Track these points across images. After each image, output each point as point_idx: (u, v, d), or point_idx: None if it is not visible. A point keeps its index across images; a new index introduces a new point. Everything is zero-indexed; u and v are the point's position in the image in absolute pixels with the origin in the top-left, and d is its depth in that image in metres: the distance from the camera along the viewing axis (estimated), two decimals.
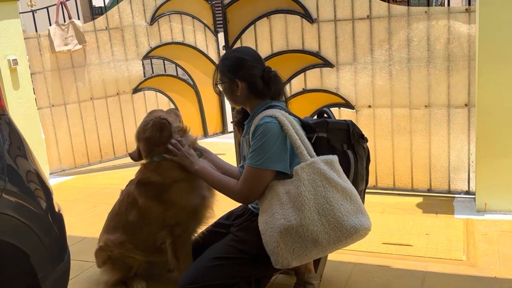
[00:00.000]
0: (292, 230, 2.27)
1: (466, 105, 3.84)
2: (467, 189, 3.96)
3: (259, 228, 2.38)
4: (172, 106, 6.13)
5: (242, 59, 2.53)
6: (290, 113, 2.49)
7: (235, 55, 2.61)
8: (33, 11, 5.47)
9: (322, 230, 2.25)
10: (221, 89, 2.59)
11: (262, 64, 2.58)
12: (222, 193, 2.57)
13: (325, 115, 2.76)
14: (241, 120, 2.69)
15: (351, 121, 2.62)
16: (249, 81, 2.51)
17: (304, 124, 2.49)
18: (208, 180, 2.59)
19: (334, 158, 2.37)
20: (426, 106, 3.96)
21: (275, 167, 2.36)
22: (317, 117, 2.81)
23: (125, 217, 2.81)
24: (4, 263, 1.81)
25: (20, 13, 5.20)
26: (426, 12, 3.84)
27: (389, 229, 3.51)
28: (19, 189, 1.81)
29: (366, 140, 2.65)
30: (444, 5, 8.17)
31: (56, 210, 2.02)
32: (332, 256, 2.98)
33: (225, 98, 2.69)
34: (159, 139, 2.68)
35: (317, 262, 2.72)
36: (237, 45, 4.51)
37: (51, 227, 1.92)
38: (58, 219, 2.01)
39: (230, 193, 2.50)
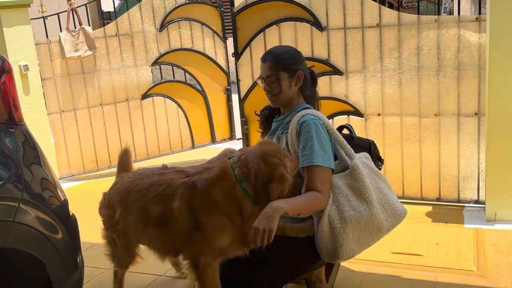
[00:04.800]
0: (362, 220, 2.35)
1: (476, 114, 3.83)
2: (476, 198, 3.95)
3: (323, 223, 2.31)
4: (181, 112, 6.16)
5: (298, 52, 2.58)
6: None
7: (290, 49, 2.58)
8: (44, 17, 5.51)
9: (384, 218, 2.40)
10: (271, 85, 2.48)
11: None
12: (316, 210, 2.37)
13: (346, 130, 2.77)
14: (268, 116, 2.65)
15: (373, 141, 2.71)
16: (306, 73, 2.54)
17: None
18: (299, 212, 2.29)
19: (367, 154, 2.54)
20: (436, 114, 3.95)
21: (334, 165, 2.42)
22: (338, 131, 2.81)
23: (147, 206, 2.35)
24: (21, 272, 1.82)
25: (31, 19, 5.24)
26: (436, 20, 3.84)
27: (399, 238, 3.50)
28: (35, 198, 1.82)
29: (382, 162, 2.72)
30: (452, 14, 8.16)
31: (71, 218, 2.04)
32: (343, 266, 2.99)
33: (272, 96, 2.51)
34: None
35: (328, 272, 2.72)
36: (247, 52, 4.54)
37: (66, 235, 1.93)
38: (72, 227, 2.02)
39: (322, 204, 2.33)
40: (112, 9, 6.49)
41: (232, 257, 2.31)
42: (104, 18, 9.09)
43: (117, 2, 6.39)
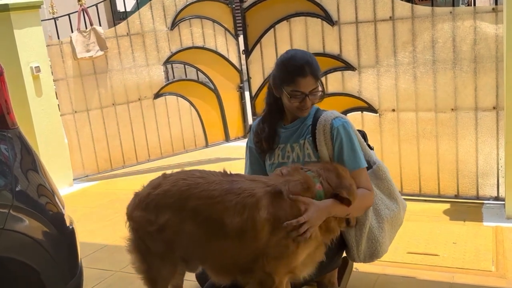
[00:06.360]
0: (395, 217, 2.50)
1: (494, 108, 3.70)
2: (496, 195, 3.82)
3: (366, 225, 2.39)
4: (194, 111, 6.12)
5: None
6: None
7: (311, 54, 2.48)
8: (55, 18, 5.51)
9: (403, 214, 2.56)
10: (315, 98, 2.42)
11: None
12: (367, 207, 2.40)
13: None
14: (271, 131, 2.52)
15: (364, 131, 2.74)
16: None
17: None
18: (349, 212, 2.27)
19: (373, 151, 2.64)
20: (452, 109, 3.83)
21: None
22: None
23: (221, 216, 2.08)
24: (14, 280, 1.78)
25: (42, 20, 5.24)
26: (451, 12, 3.72)
27: (414, 237, 3.39)
28: (27, 205, 1.78)
29: (372, 149, 2.68)
30: (471, 5, 7.97)
31: (68, 224, 1.99)
32: (356, 267, 2.90)
33: (306, 109, 2.41)
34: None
35: (341, 275, 2.66)
36: (257, 49, 4.46)
37: (62, 242, 1.89)
38: (69, 234, 1.97)
39: (372, 200, 2.40)
40: (127, 10, 6.46)
41: (299, 278, 2.22)
42: (120, 18, 9.08)
43: (128, 2, 6.36)
